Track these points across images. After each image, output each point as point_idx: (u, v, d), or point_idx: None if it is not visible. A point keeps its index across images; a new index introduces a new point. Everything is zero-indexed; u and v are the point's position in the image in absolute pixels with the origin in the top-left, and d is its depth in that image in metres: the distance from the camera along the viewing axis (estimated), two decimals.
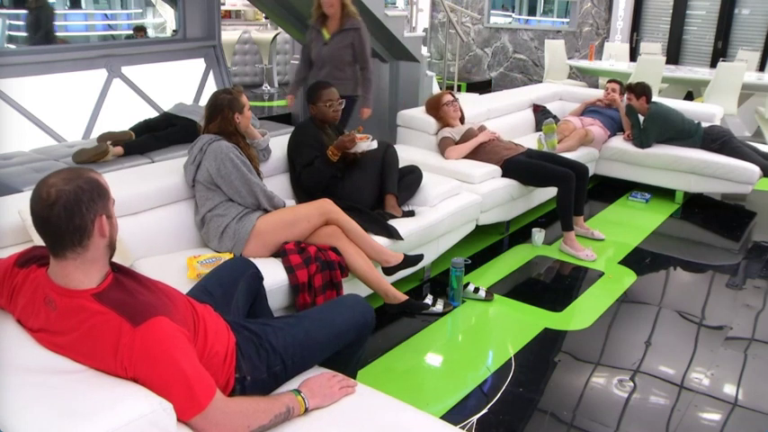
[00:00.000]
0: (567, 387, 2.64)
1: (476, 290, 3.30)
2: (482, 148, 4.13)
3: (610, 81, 5.46)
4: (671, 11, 8.80)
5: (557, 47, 8.60)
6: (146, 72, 5.21)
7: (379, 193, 3.34)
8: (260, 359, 1.78)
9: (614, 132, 5.24)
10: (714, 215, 4.86)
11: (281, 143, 3.39)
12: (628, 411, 2.48)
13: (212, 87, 5.56)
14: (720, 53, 8.35)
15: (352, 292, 2.88)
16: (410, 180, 3.48)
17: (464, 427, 2.35)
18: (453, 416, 2.41)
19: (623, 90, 5.20)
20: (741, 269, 3.89)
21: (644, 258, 3.94)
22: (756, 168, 4.61)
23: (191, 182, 2.84)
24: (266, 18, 9.11)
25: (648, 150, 4.92)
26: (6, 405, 1.33)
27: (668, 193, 4.99)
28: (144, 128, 4.25)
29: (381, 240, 3.01)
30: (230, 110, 2.83)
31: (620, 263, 3.84)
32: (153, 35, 7.41)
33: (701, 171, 4.75)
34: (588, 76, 8.90)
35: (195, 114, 4.23)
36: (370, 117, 4.43)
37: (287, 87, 4.74)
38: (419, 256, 3.11)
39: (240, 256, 2.65)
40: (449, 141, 4.16)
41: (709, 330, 3.12)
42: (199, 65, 5.63)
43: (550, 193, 4.32)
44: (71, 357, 1.47)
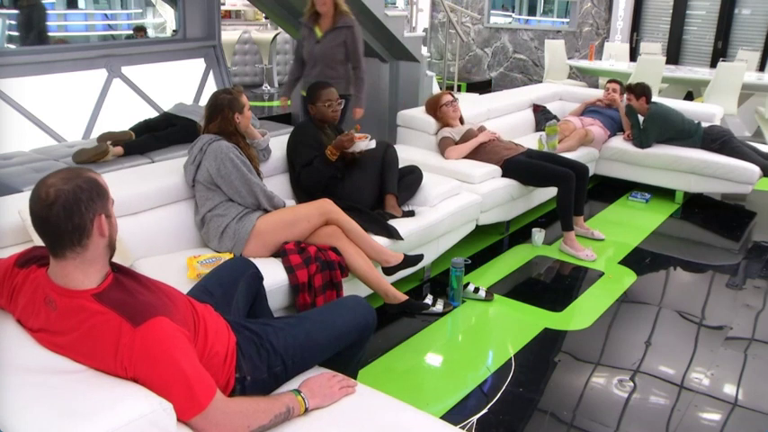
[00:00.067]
0: (567, 387, 2.65)
1: (476, 290, 3.30)
2: (482, 148, 4.13)
3: (610, 81, 5.46)
4: (671, 11, 8.80)
5: (557, 47, 8.60)
6: (146, 72, 5.20)
7: (379, 193, 3.34)
8: (260, 359, 1.78)
9: (614, 132, 5.24)
10: (714, 215, 4.86)
11: (280, 143, 3.39)
12: (628, 411, 2.48)
13: (212, 87, 5.56)
14: (720, 53, 8.35)
15: (352, 292, 2.89)
16: (410, 180, 3.48)
17: (464, 427, 2.35)
18: (453, 416, 2.41)
19: (623, 90, 5.20)
20: (741, 269, 3.89)
21: (644, 258, 3.94)
22: (756, 168, 4.61)
23: (191, 182, 2.84)
24: (266, 18, 9.12)
25: (648, 150, 4.92)
26: (6, 405, 1.33)
27: (668, 193, 4.99)
28: (144, 128, 4.25)
29: (381, 240, 3.01)
30: (230, 110, 2.83)
31: (620, 263, 3.84)
32: (153, 35, 7.41)
33: (701, 171, 4.75)
34: (588, 76, 8.90)
35: (195, 114, 4.23)
36: (362, 117, 4.37)
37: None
38: (419, 256, 3.11)
39: (240, 256, 2.65)
40: (449, 141, 4.16)
41: (709, 330, 3.12)
42: (199, 65, 5.63)
43: (550, 193, 4.32)
44: (71, 357, 1.47)
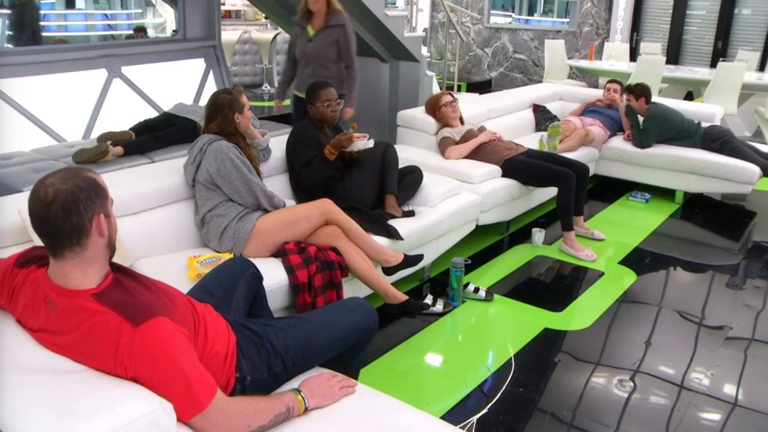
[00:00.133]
0: (567, 387, 2.64)
1: (476, 290, 3.30)
2: (482, 148, 4.13)
3: (610, 81, 5.46)
4: (671, 11, 8.80)
5: (557, 47, 8.60)
6: (146, 72, 5.20)
7: (379, 193, 3.34)
8: (260, 359, 1.78)
9: (614, 132, 5.24)
10: (714, 215, 4.86)
11: (280, 143, 3.39)
12: (628, 411, 2.48)
13: (212, 87, 5.56)
14: (720, 53, 8.35)
15: (352, 292, 2.89)
16: (410, 180, 3.48)
17: (464, 427, 2.35)
18: (453, 416, 2.41)
19: (623, 90, 5.20)
20: (741, 269, 3.89)
21: (644, 258, 3.94)
22: (756, 168, 4.61)
23: (191, 182, 2.84)
24: (266, 18, 9.12)
25: (648, 150, 4.92)
26: (6, 405, 1.33)
27: (668, 193, 4.99)
28: (144, 128, 4.25)
29: (381, 240, 3.01)
30: (230, 110, 2.83)
31: (620, 263, 3.84)
32: (153, 35, 7.41)
33: (701, 171, 4.75)
34: (588, 76, 8.90)
35: (195, 114, 4.22)
36: (355, 116, 4.29)
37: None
38: (419, 256, 3.11)
39: (240, 256, 2.65)
40: (449, 141, 4.16)
41: (709, 330, 3.12)
42: (199, 65, 5.63)
43: (550, 193, 4.32)
44: (71, 357, 1.47)
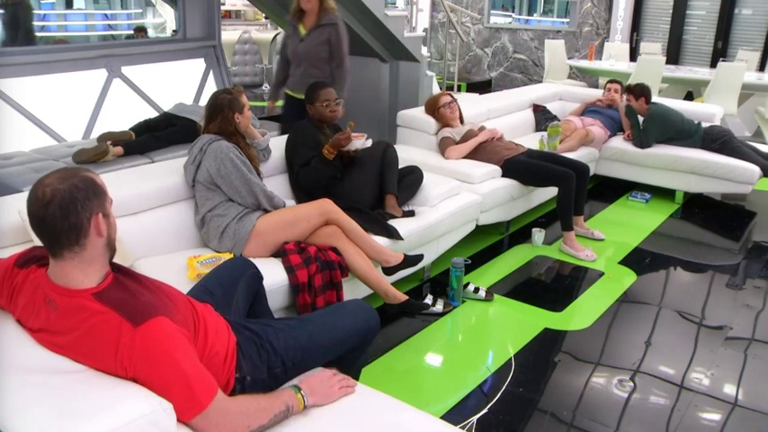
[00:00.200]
0: (567, 387, 2.65)
1: (476, 290, 3.30)
2: (482, 148, 4.12)
3: (610, 81, 5.46)
4: (671, 11, 8.80)
5: (557, 47, 8.60)
6: (146, 72, 5.20)
7: (379, 193, 3.34)
8: (260, 359, 1.78)
9: (614, 132, 5.24)
10: (714, 215, 4.86)
11: (281, 143, 3.39)
12: (628, 411, 2.48)
13: (212, 87, 5.55)
14: (720, 53, 8.35)
15: (352, 292, 2.89)
16: (411, 180, 3.47)
17: (464, 427, 2.35)
18: (453, 416, 2.41)
19: (623, 91, 5.20)
20: (741, 269, 3.89)
21: (644, 258, 3.94)
22: (756, 168, 4.61)
23: (191, 182, 2.84)
24: (266, 18, 9.12)
25: (648, 150, 4.92)
26: (6, 405, 1.33)
27: (668, 193, 4.99)
28: (144, 128, 4.25)
29: (381, 240, 3.01)
30: (230, 110, 2.83)
31: (620, 263, 3.84)
32: (153, 35, 7.41)
33: (701, 171, 4.75)
34: (588, 76, 8.90)
35: (195, 114, 4.22)
36: (345, 116, 4.09)
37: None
38: (419, 256, 3.11)
39: (240, 256, 2.65)
40: (449, 141, 4.16)
41: (709, 330, 3.12)
42: (199, 65, 5.63)
43: (550, 193, 4.32)
44: (71, 357, 1.47)
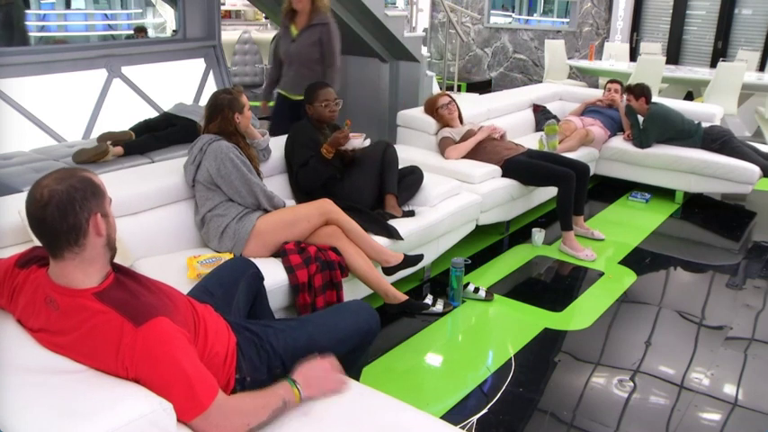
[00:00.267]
0: (567, 387, 2.65)
1: (476, 290, 3.30)
2: (482, 149, 4.12)
3: (610, 81, 5.46)
4: (671, 11, 8.79)
5: (557, 47, 8.60)
6: (146, 72, 5.20)
7: (379, 193, 3.34)
8: (260, 360, 1.78)
9: (614, 132, 5.24)
10: (714, 215, 4.86)
11: (281, 143, 3.39)
12: (628, 411, 2.48)
13: (212, 87, 5.55)
14: (720, 53, 8.35)
15: (352, 292, 2.89)
16: (411, 180, 3.47)
17: (464, 427, 2.35)
18: (453, 416, 2.41)
19: (623, 90, 5.20)
20: (741, 269, 3.89)
21: (644, 258, 3.94)
22: (756, 168, 4.61)
23: (191, 182, 2.84)
24: (266, 18, 9.12)
25: (648, 150, 4.92)
26: (6, 405, 1.33)
27: (668, 193, 4.99)
28: (144, 128, 4.25)
29: (381, 240, 3.01)
30: (230, 110, 2.83)
31: (620, 263, 3.84)
32: (153, 35, 7.41)
33: (701, 171, 4.75)
34: (588, 76, 8.89)
35: (195, 114, 4.22)
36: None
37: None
38: (419, 256, 3.11)
39: (240, 256, 2.65)
40: (449, 141, 4.16)
41: (709, 330, 3.12)
42: (199, 65, 5.63)
43: (550, 193, 4.31)
44: (71, 357, 1.47)
